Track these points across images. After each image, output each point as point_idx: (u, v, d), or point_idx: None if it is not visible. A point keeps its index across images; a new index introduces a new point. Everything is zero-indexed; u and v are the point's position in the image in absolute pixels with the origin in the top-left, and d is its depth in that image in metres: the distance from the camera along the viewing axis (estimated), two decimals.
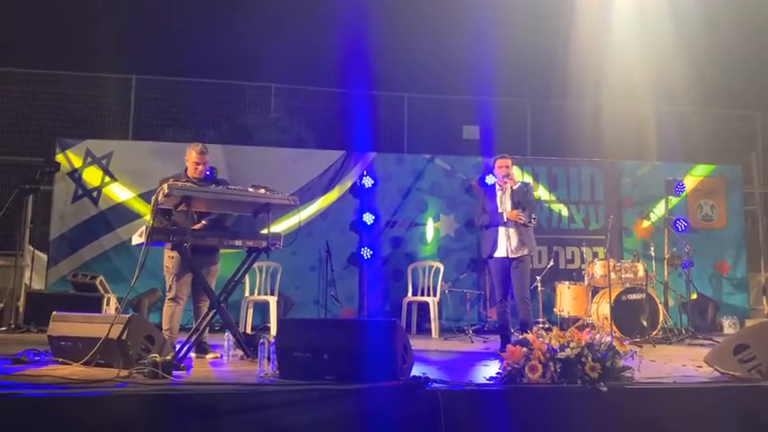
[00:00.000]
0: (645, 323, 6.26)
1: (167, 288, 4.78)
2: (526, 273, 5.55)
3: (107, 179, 7.76)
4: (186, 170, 4.91)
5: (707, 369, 4.06)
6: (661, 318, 6.57)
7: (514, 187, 5.49)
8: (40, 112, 8.90)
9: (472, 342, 6.45)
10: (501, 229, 5.48)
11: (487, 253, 5.55)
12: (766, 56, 9.28)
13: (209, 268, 4.79)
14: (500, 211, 5.51)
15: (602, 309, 6.60)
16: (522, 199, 5.49)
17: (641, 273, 6.78)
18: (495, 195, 5.62)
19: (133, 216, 7.61)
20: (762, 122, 10.00)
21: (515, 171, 5.87)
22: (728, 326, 7.71)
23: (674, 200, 8.34)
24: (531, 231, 5.59)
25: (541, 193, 8.46)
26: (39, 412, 2.96)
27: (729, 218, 8.83)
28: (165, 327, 4.63)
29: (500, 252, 5.48)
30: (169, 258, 4.72)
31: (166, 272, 4.75)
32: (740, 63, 9.47)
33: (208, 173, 5.33)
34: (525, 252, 5.46)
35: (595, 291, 6.97)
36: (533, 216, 5.58)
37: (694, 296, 7.68)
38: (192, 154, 4.88)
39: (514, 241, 5.45)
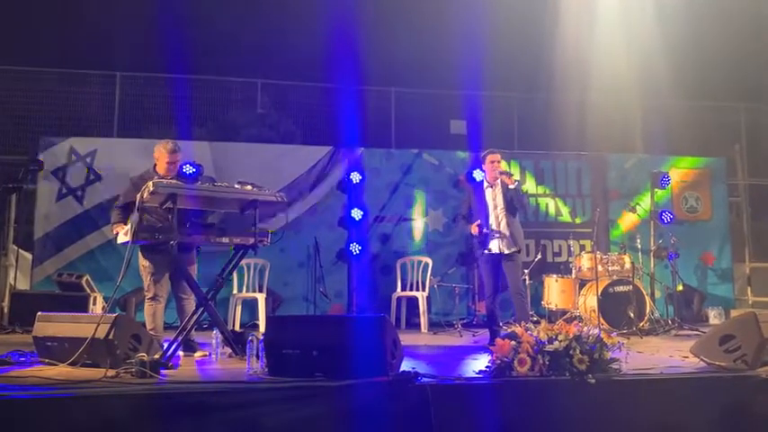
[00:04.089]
0: (632, 315, 6.32)
1: (145, 288, 4.73)
2: (518, 267, 5.58)
3: (92, 177, 7.68)
4: (155, 167, 4.80)
5: (693, 360, 4.10)
6: (648, 309, 6.62)
7: (511, 186, 5.44)
8: (22, 109, 8.78)
9: (461, 336, 6.48)
10: (491, 227, 5.47)
11: (480, 252, 5.55)
12: (749, 48, 9.38)
13: (188, 268, 4.73)
14: (489, 227, 5.49)
15: (589, 301, 6.64)
16: (515, 196, 5.48)
17: (628, 265, 6.84)
18: (484, 192, 5.61)
19: None
20: (745, 114, 10.09)
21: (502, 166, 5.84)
22: (714, 316, 7.79)
23: (659, 192, 8.40)
24: (519, 226, 5.60)
25: (529, 186, 8.50)
26: (25, 414, 2.93)
27: (714, 209, 8.92)
28: (148, 326, 4.59)
29: (491, 249, 5.48)
30: (144, 258, 4.67)
31: (143, 271, 4.70)
32: (724, 56, 9.55)
33: (194, 170, 5.29)
34: (515, 249, 5.47)
35: (583, 283, 7.01)
36: (524, 204, 5.62)
37: (680, 287, 7.75)
38: (162, 153, 4.75)
39: (505, 238, 5.46)
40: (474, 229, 5.43)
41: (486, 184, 5.64)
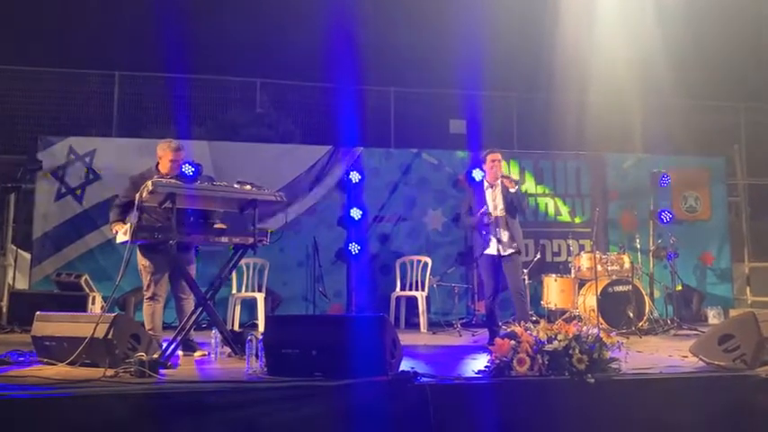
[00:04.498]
0: (631, 314, 6.32)
1: (145, 287, 4.71)
2: (518, 267, 5.56)
3: (91, 177, 7.67)
4: (157, 165, 4.80)
5: (692, 359, 4.10)
6: (647, 309, 6.62)
7: (512, 190, 5.40)
8: (21, 109, 8.77)
9: (460, 336, 6.47)
10: (491, 227, 5.46)
11: (479, 253, 5.54)
12: (749, 48, 9.38)
13: (186, 268, 4.72)
14: (490, 212, 5.46)
15: (588, 301, 6.64)
16: (515, 200, 5.44)
17: (627, 265, 6.84)
18: (484, 193, 5.59)
19: None
20: (744, 114, 10.10)
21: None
22: (713, 316, 7.79)
23: (659, 192, 8.39)
24: (519, 226, 5.58)
25: (528, 186, 8.49)
26: (24, 414, 2.92)
27: (713, 209, 8.92)
28: (147, 326, 4.57)
29: (490, 250, 5.45)
30: (144, 257, 4.67)
31: (143, 271, 4.69)
32: (723, 55, 9.56)
33: (193, 170, 5.28)
34: (515, 249, 5.45)
35: (582, 283, 7.01)
36: (524, 207, 5.59)
37: (679, 287, 7.75)
38: (166, 151, 4.75)
39: (504, 239, 5.44)
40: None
41: (486, 184, 5.62)
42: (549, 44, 8.85)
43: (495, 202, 5.51)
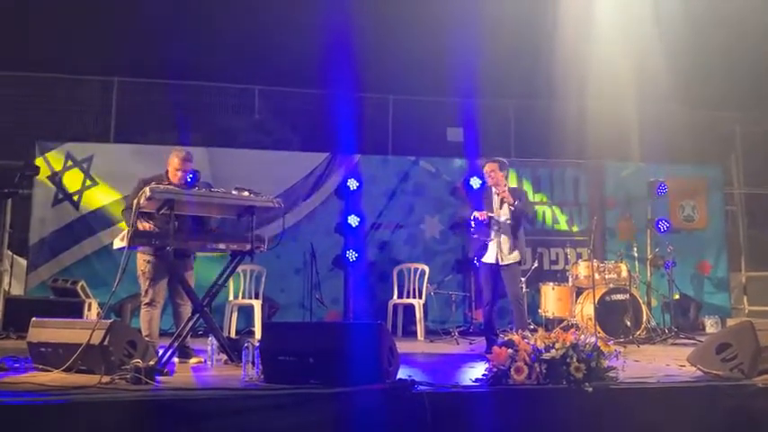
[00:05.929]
0: (628, 323, 6.31)
1: (143, 293, 4.70)
2: (517, 276, 5.55)
3: (88, 182, 7.67)
4: (167, 173, 4.84)
5: (690, 368, 4.10)
6: (644, 318, 6.63)
7: (511, 207, 5.39)
8: (19, 114, 8.75)
9: (458, 344, 6.46)
10: (492, 234, 5.45)
11: (476, 255, 5.53)
12: (747, 58, 9.42)
13: (184, 274, 4.71)
14: (495, 218, 5.46)
15: (586, 309, 6.64)
16: (518, 213, 5.42)
17: (624, 273, 6.84)
18: (482, 200, 5.55)
19: (115, 220, 7.51)
20: (741, 124, 10.13)
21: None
22: (710, 325, 7.80)
23: (656, 201, 8.42)
24: (522, 236, 5.54)
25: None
26: (19, 421, 2.90)
27: (710, 218, 8.94)
28: (144, 333, 4.55)
29: (489, 257, 5.45)
30: (144, 263, 4.65)
31: (141, 276, 4.68)
32: (721, 65, 9.59)
33: (191, 177, 5.28)
34: (514, 259, 5.43)
35: (579, 291, 7.01)
36: (529, 214, 5.57)
37: (677, 296, 7.76)
38: (174, 160, 4.78)
39: (505, 247, 5.42)
40: (481, 215, 5.35)
41: (493, 190, 5.60)
42: (547, 52, 8.87)
43: (500, 210, 5.49)
